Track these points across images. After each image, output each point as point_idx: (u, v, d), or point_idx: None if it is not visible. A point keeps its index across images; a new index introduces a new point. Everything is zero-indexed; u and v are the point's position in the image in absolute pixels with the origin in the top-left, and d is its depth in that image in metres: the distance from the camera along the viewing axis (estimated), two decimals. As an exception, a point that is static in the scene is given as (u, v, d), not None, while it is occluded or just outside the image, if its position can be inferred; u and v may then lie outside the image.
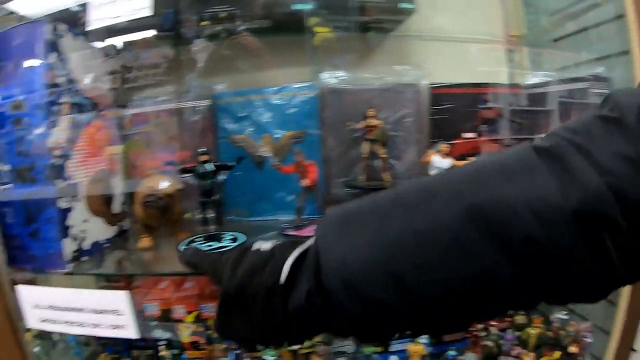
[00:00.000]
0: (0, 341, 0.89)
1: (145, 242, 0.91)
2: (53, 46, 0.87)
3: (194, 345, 1.03)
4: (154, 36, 1.02)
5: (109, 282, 1.08)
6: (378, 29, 1.07)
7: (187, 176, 0.89)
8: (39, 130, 0.85)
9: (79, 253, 0.89)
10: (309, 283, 0.32)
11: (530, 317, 1.03)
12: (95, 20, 0.83)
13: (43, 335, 1.07)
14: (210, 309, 1.01)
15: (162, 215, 0.85)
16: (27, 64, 0.86)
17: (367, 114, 0.96)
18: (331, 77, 0.99)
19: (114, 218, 0.97)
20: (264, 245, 0.39)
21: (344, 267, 0.30)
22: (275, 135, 0.98)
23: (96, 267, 0.91)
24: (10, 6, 0.95)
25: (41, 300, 0.87)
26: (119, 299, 0.79)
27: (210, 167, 0.88)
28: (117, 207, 0.99)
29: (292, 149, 0.98)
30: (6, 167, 0.88)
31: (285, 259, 0.34)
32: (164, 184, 0.85)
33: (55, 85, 0.87)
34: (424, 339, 0.99)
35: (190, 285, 1.06)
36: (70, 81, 0.90)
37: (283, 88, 0.98)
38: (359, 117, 0.97)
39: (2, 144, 0.88)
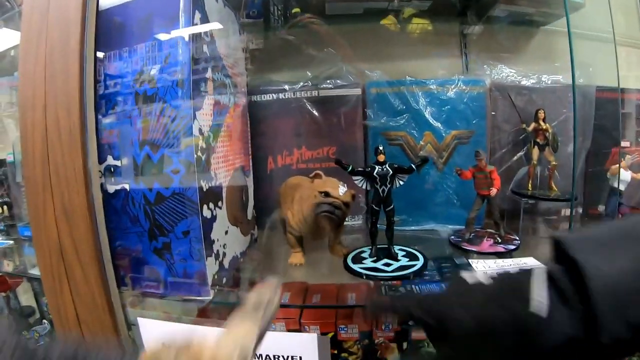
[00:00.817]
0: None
1: (297, 257, 0.62)
2: (198, 5, 0.55)
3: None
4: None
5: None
6: (529, 22, 0.82)
7: (359, 179, 0.60)
8: (177, 113, 0.53)
9: (220, 273, 0.58)
10: (574, 311, 0.25)
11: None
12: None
13: None
14: (349, 331, 0.73)
15: (336, 227, 0.57)
16: (162, 25, 0.54)
17: (537, 115, 0.72)
18: (496, 72, 0.73)
19: (248, 226, 0.67)
20: (479, 276, 0.31)
21: (616, 292, 0.25)
22: (440, 134, 0.71)
23: (235, 289, 0.61)
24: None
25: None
26: (307, 342, 0.51)
27: (389, 169, 0.60)
28: (250, 212, 0.68)
29: (455, 150, 0.71)
30: (123, 161, 0.55)
31: (525, 291, 0.26)
32: (342, 190, 0.56)
33: (200, 56, 0.55)
34: None
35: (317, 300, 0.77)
36: (214, 53, 0.58)
37: (448, 81, 0.71)
38: (525, 117, 0.73)
39: (119, 129, 0.55)
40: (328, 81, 0.70)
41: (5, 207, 0.93)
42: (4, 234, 0.93)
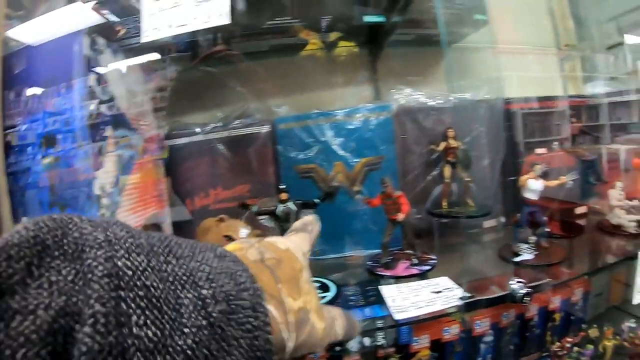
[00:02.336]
0: None
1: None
2: (92, 64, 0.60)
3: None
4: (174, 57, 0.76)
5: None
6: (436, 43, 0.87)
7: (265, 219, 0.65)
8: (80, 171, 0.58)
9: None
10: None
11: (602, 330, 0.89)
12: (152, 30, 0.55)
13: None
14: None
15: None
16: (60, 85, 0.59)
17: (447, 134, 0.77)
18: (403, 96, 0.78)
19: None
20: None
21: None
22: (350, 163, 0.76)
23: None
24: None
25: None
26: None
27: (292, 206, 0.65)
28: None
29: (366, 178, 0.76)
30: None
31: None
32: (244, 233, 0.61)
33: (98, 113, 0.60)
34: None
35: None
36: (114, 108, 0.63)
37: (355, 110, 0.76)
38: (435, 138, 0.78)
39: (28, 194, 0.60)
40: (237, 121, 0.75)
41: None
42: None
